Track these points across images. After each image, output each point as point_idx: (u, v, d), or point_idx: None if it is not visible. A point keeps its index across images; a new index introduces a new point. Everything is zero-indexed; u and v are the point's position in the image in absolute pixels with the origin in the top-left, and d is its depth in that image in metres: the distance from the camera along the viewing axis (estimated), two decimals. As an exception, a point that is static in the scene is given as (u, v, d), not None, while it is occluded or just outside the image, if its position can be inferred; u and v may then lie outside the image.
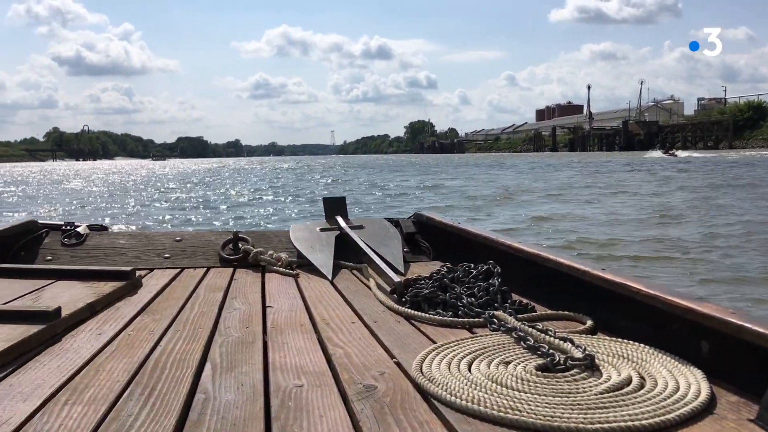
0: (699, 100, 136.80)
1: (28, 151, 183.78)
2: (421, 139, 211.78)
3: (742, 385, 1.38)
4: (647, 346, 1.61)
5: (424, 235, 3.42)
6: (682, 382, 1.39)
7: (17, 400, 1.39)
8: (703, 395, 1.33)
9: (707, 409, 1.29)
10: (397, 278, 2.41)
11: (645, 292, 1.69)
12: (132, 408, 1.34)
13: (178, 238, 3.32)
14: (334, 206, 3.51)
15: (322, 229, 3.32)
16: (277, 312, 2.22)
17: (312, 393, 1.42)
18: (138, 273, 2.69)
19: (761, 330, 1.34)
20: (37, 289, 2.39)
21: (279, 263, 3.01)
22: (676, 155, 69.60)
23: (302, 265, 3.02)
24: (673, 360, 1.52)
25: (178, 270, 3.01)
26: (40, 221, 3.36)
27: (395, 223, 3.48)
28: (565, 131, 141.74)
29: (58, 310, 1.95)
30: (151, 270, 2.99)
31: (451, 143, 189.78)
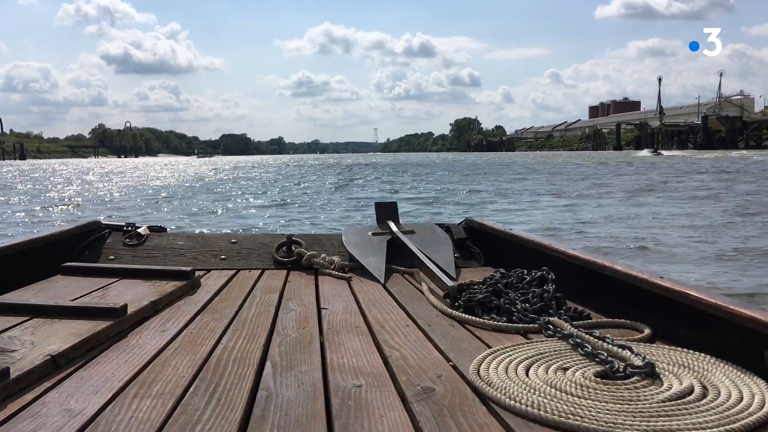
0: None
1: (71, 147, 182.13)
2: (468, 137, 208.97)
3: None
4: (708, 356, 1.59)
5: (475, 241, 3.42)
6: (745, 392, 1.37)
7: (89, 392, 1.45)
8: (768, 406, 1.31)
9: None
10: (450, 283, 2.42)
11: (706, 301, 1.67)
12: (198, 402, 1.39)
13: (233, 240, 3.40)
14: (386, 211, 3.55)
15: (374, 234, 3.35)
16: (332, 314, 2.26)
17: (371, 393, 1.45)
18: (196, 273, 2.76)
19: None
20: (103, 287, 2.48)
21: (332, 266, 3.05)
22: (661, 154, 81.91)
23: (354, 268, 3.06)
24: (735, 370, 1.50)
25: (234, 271, 3.08)
26: (103, 222, 3.48)
27: (446, 228, 3.50)
28: (630, 128, 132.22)
29: (125, 307, 2.03)
30: (208, 270, 3.07)
31: (499, 141, 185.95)
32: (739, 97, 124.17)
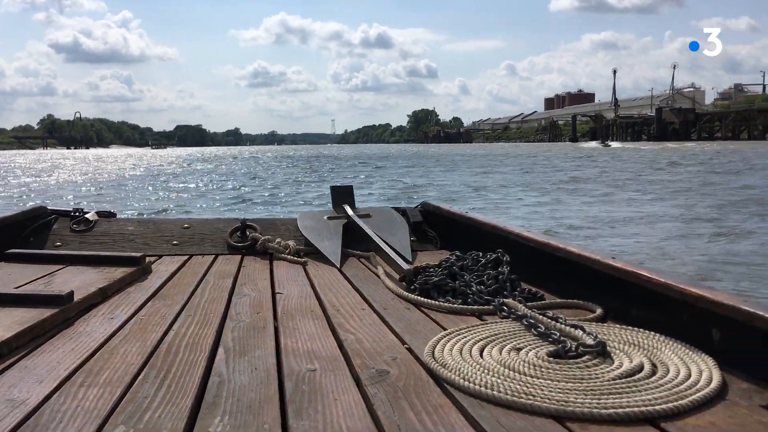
0: (736, 87, 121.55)
1: (17, 138, 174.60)
2: (426, 128, 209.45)
3: (754, 372, 1.39)
4: (658, 334, 1.62)
5: (431, 225, 3.42)
6: (693, 369, 1.40)
7: (33, 381, 1.40)
8: (715, 382, 1.33)
9: (719, 395, 1.30)
10: (406, 266, 2.42)
11: (656, 281, 1.69)
12: (148, 390, 1.35)
13: (186, 225, 3.33)
14: (342, 195, 3.52)
15: (329, 218, 3.32)
16: (286, 298, 2.23)
17: (325, 377, 1.44)
18: (147, 259, 2.70)
19: None
20: (48, 274, 2.41)
21: (287, 251, 3.01)
22: (609, 146, 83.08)
23: (310, 253, 3.03)
24: (684, 347, 1.53)
25: (187, 257, 3.02)
26: (50, 207, 3.37)
27: (402, 212, 3.49)
28: (585, 119, 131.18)
29: (71, 294, 1.97)
30: (160, 257, 3.01)
31: (457, 133, 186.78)
32: (690, 89, 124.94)
